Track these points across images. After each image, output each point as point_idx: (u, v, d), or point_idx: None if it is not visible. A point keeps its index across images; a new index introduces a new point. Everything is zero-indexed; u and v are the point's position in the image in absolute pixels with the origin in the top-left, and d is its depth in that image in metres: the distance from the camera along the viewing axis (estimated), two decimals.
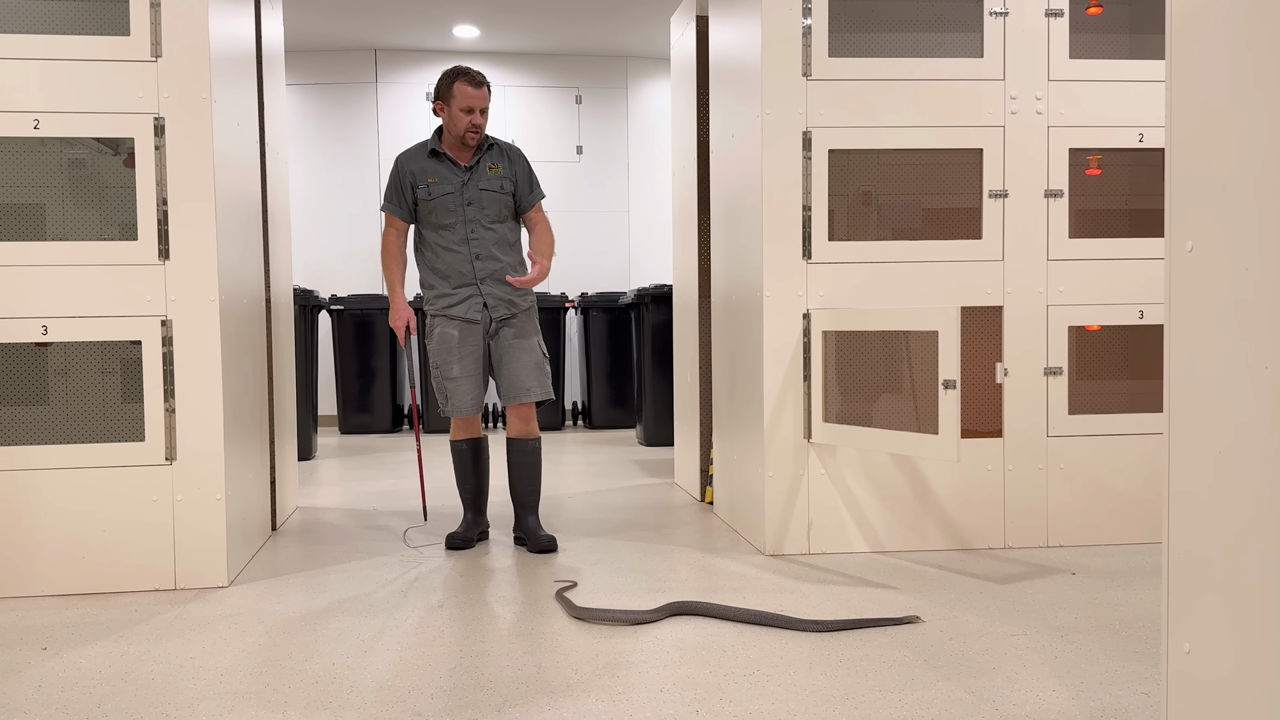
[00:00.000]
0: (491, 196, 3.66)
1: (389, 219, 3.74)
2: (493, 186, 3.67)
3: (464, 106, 3.60)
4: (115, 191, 3.54)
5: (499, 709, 2.14)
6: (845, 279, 3.50)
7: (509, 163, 3.73)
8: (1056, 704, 2.13)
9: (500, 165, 3.70)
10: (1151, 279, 3.60)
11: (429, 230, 3.68)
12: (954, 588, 3.07)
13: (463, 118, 3.61)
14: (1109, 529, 3.63)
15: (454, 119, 3.62)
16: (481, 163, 3.68)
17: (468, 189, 3.65)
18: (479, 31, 7.95)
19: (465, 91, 3.60)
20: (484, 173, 3.67)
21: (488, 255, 3.66)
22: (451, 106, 3.62)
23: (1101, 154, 3.87)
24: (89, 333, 3.08)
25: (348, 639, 2.65)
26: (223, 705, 2.19)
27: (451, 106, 3.62)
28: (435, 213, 3.64)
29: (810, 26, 3.44)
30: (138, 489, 3.11)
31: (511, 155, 3.74)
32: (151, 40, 3.06)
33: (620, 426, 7.86)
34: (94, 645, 2.62)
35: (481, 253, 3.65)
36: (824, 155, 3.47)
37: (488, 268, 3.65)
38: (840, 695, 2.19)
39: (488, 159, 3.69)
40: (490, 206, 3.66)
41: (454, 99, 3.61)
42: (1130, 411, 3.70)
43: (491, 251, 3.66)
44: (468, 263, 3.64)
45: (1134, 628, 2.65)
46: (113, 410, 3.49)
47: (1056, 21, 3.54)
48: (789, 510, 3.51)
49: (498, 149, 3.73)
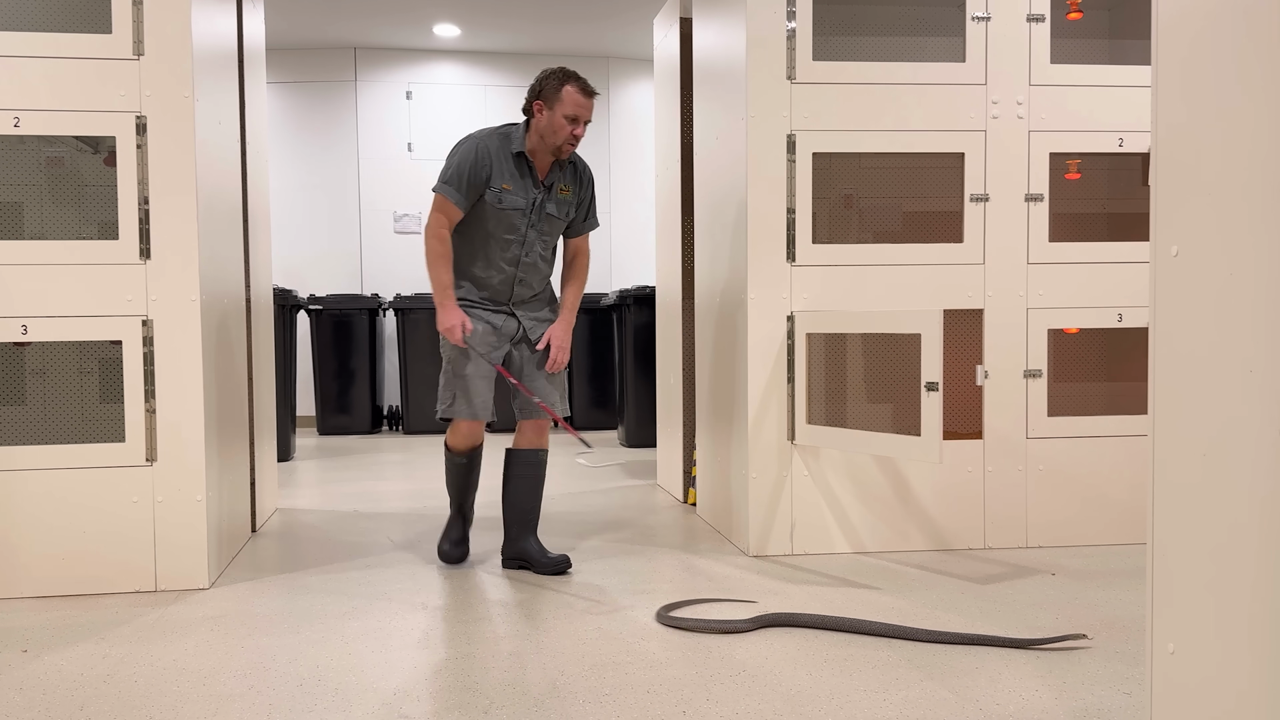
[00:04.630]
0: (554, 223, 3.39)
1: (442, 204, 3.25)
2: (559, 213, 3.38)
3: (570, 114, 3.23)
4: (94, 190, 3.52)
5: (486, 711, 2.14)
6: (829, 282, 3.51)
7: (579, 186, 3.43)
8: (1040, 704, 2.15)
9: (571, 189, 3.40)
10: (1130, 282, 3.64)
11: (480, 235, 3.31)
12: (936, 588, 3.09)
13: (565, 126, 3.24)
14: (1088, 530, 3.66)
15: (555, 126, 3.24)
16: (555, 183, 3.36)
17: (537, 209, 3.33)
18: (459, 30, 7.94)
19: (575, 98, 3.24)
20: (555, 194, 3.36)
21: (527, 283, 3.39)
22: (555, 111, 3.23)
23: (1081, 158, 3.91)
24: (69, 333, 3.05)
25: (331, 641, 2.64)
26: (207, 708, 2.17)
27: (555, 111, 3.23)
28: (497, 222, 3.28)
29: (794, 30, 3.45)
30: (118, 490, 3.09)
31: (583, 179, 3.44)
32: (134, 38, 3.03)
33: (602, 428, 7.86)
34: (75, 647, 2.59)
35: (524, 278, 3.37)
36: (808, 158, 3.48)
37: (523, 294, 3.39)
38: (825, 695, 2.20)
39: (560, 180, 3.37)
40: (551, 234, 3.39)
41: (560, 103, 3.23)
42: (1109, 414, 3.74)
43: (531, 281, 3.39)
44: (509, 286, 3.35)
45: (1114, 628, 2.68)
46: (93, 411, 3.46)
47: (1038, 27, 3.57)
48: (772, 511, 3.52)
49: (573, 169, 3.42)
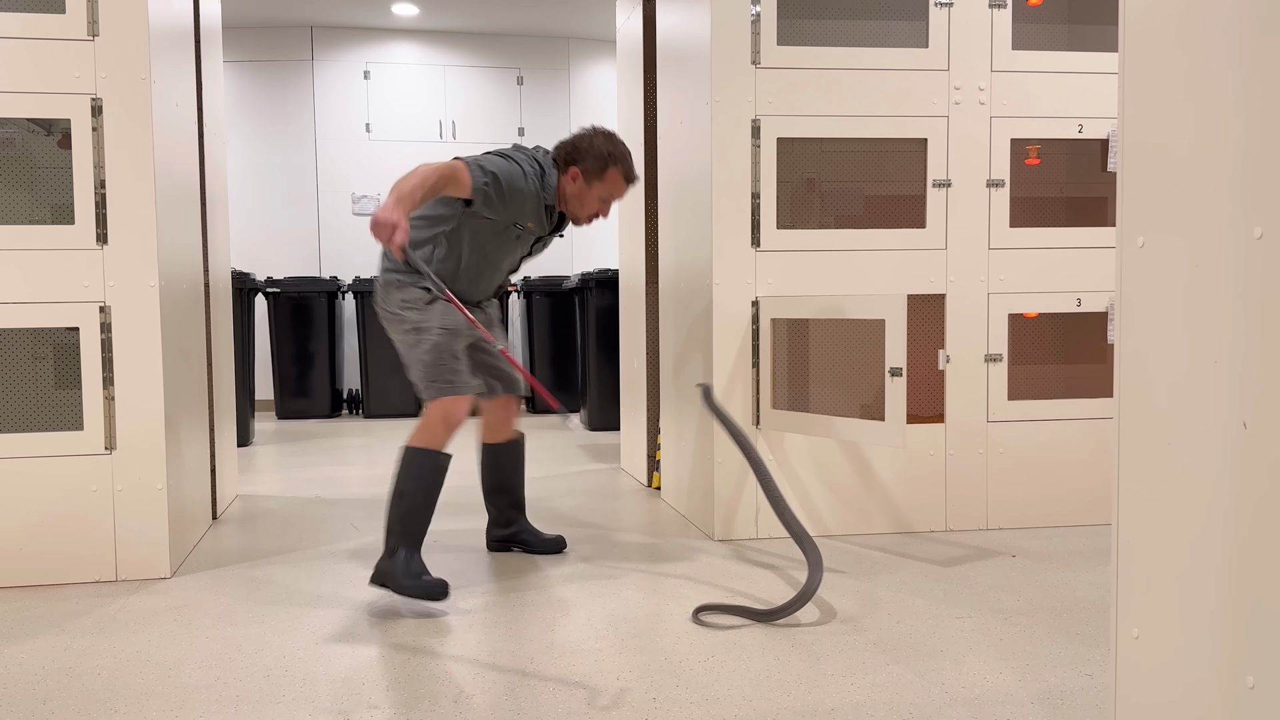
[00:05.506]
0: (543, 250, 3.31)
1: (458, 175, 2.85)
2: (547, 246, 3.31)
3: (608, 196, 3.10)
4: (47, 172, 3.44)
5: (455, 700, 2.14)
6: (794, 267, 3.52)
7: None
8: (1004, 686, 2.19)
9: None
10: (1089, 267, 3.68)
11: (474, 248, 3.07)
12: (899, 570, 3.13)
13: (595, 204, 3.10)
14: (1046, 512, 3.72)
15: (586, 201, 3.09)
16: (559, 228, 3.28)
17: (537, 245, 3.25)
18: (418, 10, 7.84)
19: (618, 183, 3.09)
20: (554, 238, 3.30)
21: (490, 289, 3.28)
22: (593, 189, 3.07)
23: (1041, 144, 3.95)
24: (24, 319, 2.99)
25: (297, 631, 2.62)
26: (173, 700, 2.15)
27: (593, 189, 3.07)
28: (501, 246, 3.10)
29: (759, 14, 3.45)
30: (77, 479, 3.03)
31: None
32: (88, 19, 2.96)
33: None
34: (35, 639, 2.55)
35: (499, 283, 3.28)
36: (773, 144, 3.48)
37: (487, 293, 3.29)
38: (793, 679, 2.23)
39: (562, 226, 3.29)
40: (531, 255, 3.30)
41: (602, 184, 3.07)
42: (1067, 397, 3.79)
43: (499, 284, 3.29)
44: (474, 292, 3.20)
45: (1075, 610, 2.73)
46: (48, 398, 3.40)
47: (1000, 13, 3.59)
48: (738, 496, 3.54)
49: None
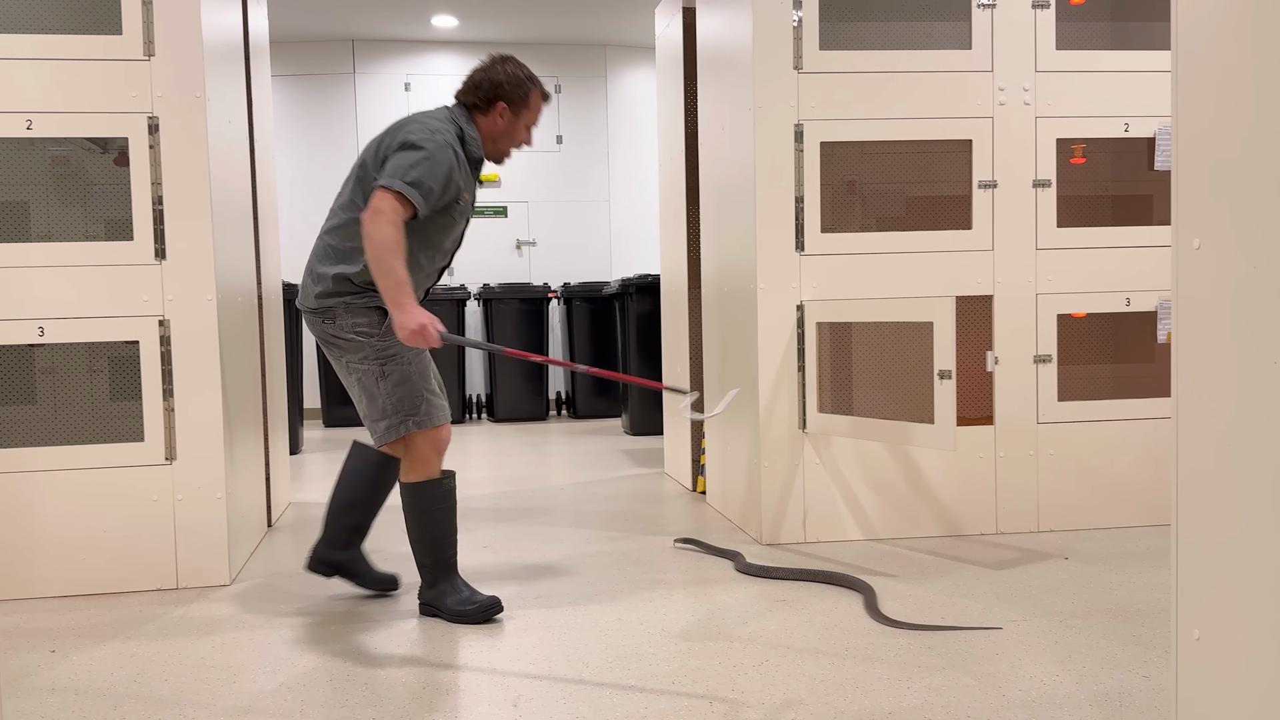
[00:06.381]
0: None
1: (402, 204, 2.66)
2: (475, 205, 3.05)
3: (531, 123, 2.97)
4: (101, 189, 3.52)
5: (515, 704, 2.17)
6: (838, 270, 3.53)
7: None
8: (1061, 689, 2.18)
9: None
10: (1138, 267, 3.65)
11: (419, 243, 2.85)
12: (950, 574, 3.12)
13: (523, 135, 2.97)
14: (1098, 513, 3.69)
15: (515, 133, 2.94)
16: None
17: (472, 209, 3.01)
18: (457, 21, 7.92)
19: (539, 106, 2.96)
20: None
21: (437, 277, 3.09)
22: (520, 120, 2.93)
23: (1087, 143, 3.93)
24: (86, 334, 3.06)
25: (357, 636, 2.66)
26: (239, 705, 2.20)
27: (520, 120, 2.93)
28: (444, 233, 2.89)
29: (801, 19, 3.46)
30: (138, 489, 3.11)
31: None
32: (144, 39, 3.04)
33: (604, 416, 7.88)
34: (103, 647, 2.62)
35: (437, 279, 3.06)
36: (816, 148, 3.49)
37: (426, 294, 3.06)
38: (849, 684, 2.23)
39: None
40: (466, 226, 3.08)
41: (528, 111, 2.93)
42: (1117, 397, 3.77)
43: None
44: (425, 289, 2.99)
45: (1130, 612, 2.71)
46: (104, 409, 3.48)
47: (1043, 13, 3.58)
48: (785, 500, 3.55)
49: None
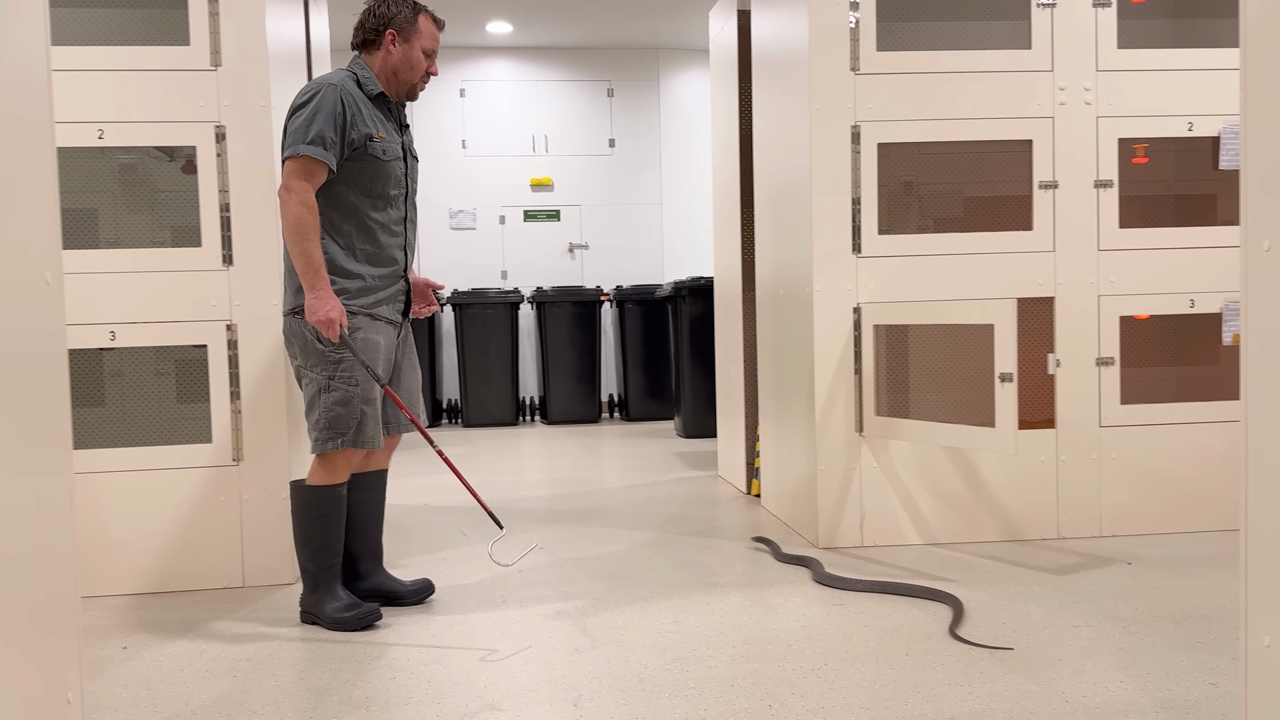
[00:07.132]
0: (416, 166, 3.05)
1: (308, 167, 2.70)
2: (416, 163, 3.06)
3: (428, 47, 2.92)
4: (167, 196, 3.61)
5: (575, 703, 2.19)
6: (895, 272, 3.51)
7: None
8: (1125, 695, 2.15)
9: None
10: (1201, 268, 3.59)
11: (362, 199, 2.84)
12: (1012, 579, 3.09)
13: (422, 61, 2.92)
14: (1162, 518, 3.63)
15: (412, 61, 2.89)
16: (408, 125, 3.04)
17: (407, 154, 2.98)
18: (511, 27, 7.99)
19: (430, 30, 2.93)
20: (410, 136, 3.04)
21: (411, 245, 3.03)
22: (413, 44, 2.89)
23: (1149, 143, 3.87)
24: (156, 338, 3.14)
25: (418, 633, 2.70)
26: (306, 701, 2.25)
27: (413, 44, 2.89)
28: (382, 179, 2.86)
29: (858, 21, 3.45)
30: (206, 489, 3.18)
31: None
32: (211, 49, 3.11)
33: (657, 419, 7.90)
34: (172, 644, 2.68)
35: (410, 239, 3.01)
36: (873, 149, 3.48)
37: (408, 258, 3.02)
38: (910, 689, 2.22)
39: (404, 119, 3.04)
40: (416, 179, 3.06)
41: (418, 35, 2.89)
42: (1181, 400, 3.70)
43: (413, 241, 3.04)
44: (402, 250, 2.96)
45: (1195, 618, 2.66)
46: (171, 411, 3.56)
47: (1104, 11, 3.53)
48: (841, 503, 3.53)
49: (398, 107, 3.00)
